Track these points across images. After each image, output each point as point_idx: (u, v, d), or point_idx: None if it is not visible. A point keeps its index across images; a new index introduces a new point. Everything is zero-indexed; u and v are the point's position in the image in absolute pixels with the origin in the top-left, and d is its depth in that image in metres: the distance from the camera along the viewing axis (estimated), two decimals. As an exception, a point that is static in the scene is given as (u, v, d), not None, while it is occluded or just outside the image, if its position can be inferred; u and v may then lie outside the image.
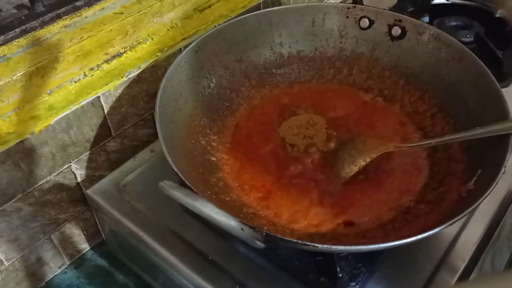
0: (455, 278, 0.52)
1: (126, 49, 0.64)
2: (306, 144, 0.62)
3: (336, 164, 0.59)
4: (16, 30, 0.61)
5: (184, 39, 0.69)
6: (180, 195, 0.45)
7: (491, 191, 0.46)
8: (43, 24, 0.63)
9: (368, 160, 0.57)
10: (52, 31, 0.63)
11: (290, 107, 0.68)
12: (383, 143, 0.59)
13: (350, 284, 0.50)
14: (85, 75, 0.60)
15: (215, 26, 0.71)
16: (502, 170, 0.48)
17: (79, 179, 0.64)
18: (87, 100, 0.59)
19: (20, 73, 0.58)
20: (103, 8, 0.68)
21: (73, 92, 0.59)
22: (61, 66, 0.60)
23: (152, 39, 0.67)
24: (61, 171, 0.61)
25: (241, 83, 0.69)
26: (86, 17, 0.66)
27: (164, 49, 0.67)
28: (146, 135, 0.70)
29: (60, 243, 0.65)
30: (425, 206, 0.55)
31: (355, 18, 0.70)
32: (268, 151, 0.62)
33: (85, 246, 0.69)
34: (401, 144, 0.59)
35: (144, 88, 0.66)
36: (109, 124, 0.64)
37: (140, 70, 0.64)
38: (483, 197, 0.46)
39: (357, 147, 0.59)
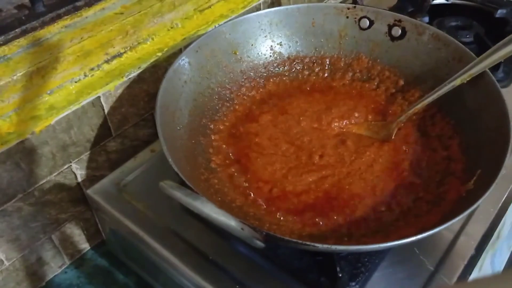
0: (455, 278, 0.52)
1: (126, 49, 0.64)
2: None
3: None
4: (16, 30, 0.61)
5: (184, 39, 0.69)
6: (180, 195, 0.45)
7: (491, 191, 0.46)
8: (43, 24, 0.63)
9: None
10: (53, 31, 0.63)
11: (290, 106, 0.68)
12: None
13: (350, 284, 0.50)
14: (85, 75, 0.60)
15: (215, 26, 0.72)
16: (502, 170, 0.48)
17: (79, 179, 0.64)
18: (88, 100, 0.60)
19: (21, 73, 0.58)
20: (103, 8, 0.68)
21: (74, 92, 0.59)
22: (62, 66, 0.60)
23: (153, 39, 0.67)
24: (62, 171, 0.61)
25: (241, 83, 0.69)
26: (86, 17, 0.66)
27: (164, 49, 0.67)
28: (146, 135, 0.70)
29: (61, 243, 0.65)
30: (425, 206, 0.55)
31: (355, 18, 0.70)
32: (269, 152, 0.62)
33: (85, 246, 0.69)
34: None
35: (144, 88, 0.66)
36: (110, 124, 0.64)
37: (140, 70, 0.64)
38: (483, 197, 0.46)
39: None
